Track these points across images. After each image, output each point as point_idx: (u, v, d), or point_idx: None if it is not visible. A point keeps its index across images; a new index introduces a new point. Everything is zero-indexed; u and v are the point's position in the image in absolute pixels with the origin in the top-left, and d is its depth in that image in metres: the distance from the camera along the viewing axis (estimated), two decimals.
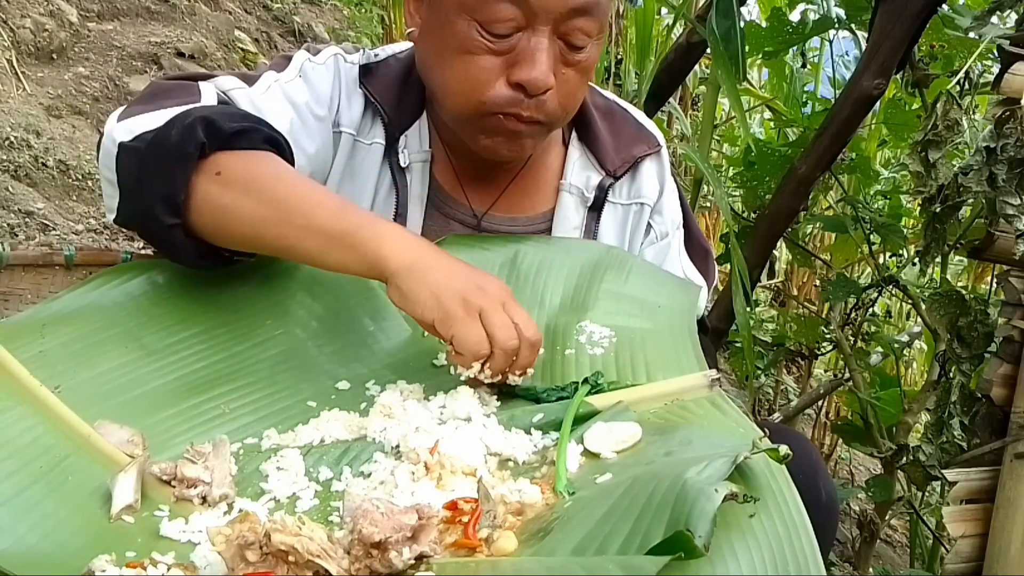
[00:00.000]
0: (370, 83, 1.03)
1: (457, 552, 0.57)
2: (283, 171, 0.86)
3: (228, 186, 0.83)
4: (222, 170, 0.83)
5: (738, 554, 0.52)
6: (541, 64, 0.91)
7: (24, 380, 0.70)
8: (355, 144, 1.04)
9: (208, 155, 0.83)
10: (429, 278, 0.77)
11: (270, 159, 0.86)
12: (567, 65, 0.94)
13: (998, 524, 1.36)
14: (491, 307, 0.76)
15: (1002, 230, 1.40)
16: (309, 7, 3.63)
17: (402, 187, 1.04)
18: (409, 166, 1.04)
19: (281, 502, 0.66)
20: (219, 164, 0.83)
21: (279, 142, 0.89)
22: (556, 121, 0.98)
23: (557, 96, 0.94)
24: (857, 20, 1.87)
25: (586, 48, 0.94)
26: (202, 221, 0.83)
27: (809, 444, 1.14)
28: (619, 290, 0.94)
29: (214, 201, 0.83)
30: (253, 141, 0.86)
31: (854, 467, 2.90)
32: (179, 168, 0.82)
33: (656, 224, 1.14)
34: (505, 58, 0.92)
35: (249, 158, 0.85)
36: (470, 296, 0.76)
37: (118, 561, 0.56)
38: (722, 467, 0.55)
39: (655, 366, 0.82)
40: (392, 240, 0.79)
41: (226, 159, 0.84)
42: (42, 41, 2.47)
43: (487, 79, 0.92)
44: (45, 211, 1.96)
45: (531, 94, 0.92)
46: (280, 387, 0.80)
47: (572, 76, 0.95)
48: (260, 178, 0.84)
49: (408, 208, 1.04)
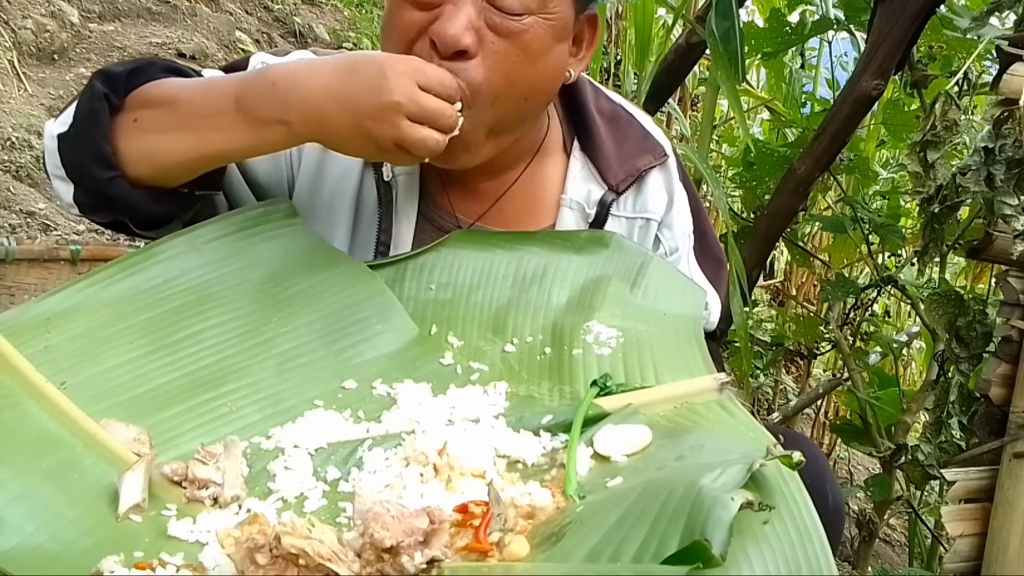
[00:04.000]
0: None
1: (469, 556, 0.57)
2: (182, 88, 0.88)
3: (147, 130, 0.86)
4: (138, 116, 0.87)
5: (751, 559, 0.52)
6: (455, 18, 0.84)
7: (30, 376, 0.70)
8: (324, 154, 0.98)
9: (119, 105, 0.87)
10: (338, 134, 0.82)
11: (171, 84, 0.89)
12: (497, 33, 0.86)
13: (997, 523, 1.36)
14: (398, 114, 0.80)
15: (1000, 230, 1.40)
16: (310, 8, 3.63)
17: (386, 201, 0.99)
18: (393, 179, 0.99)
19: (289, 502, 0.66)
20: (133, 112, 0.87)
21: (179, 68, 0.92)
22: (482, 102, 0.88)
23: (483, 68, 0.86)
24: (856, 21, 1.88)
25: (525, 19, 0.86)
26: (138, 168, 0.87)
27: (815, 448, 1.11)
28: (625, 297, 0.92)
29: (141, 148, 0.86)
30: (151, 73, 0.89)
31: (853, 466, 2.90)
32: (95, 124, 0.86)
33: (665, 239, 1.08)
34: (430, 14, 0.86)
35: (153, 93, 0.88)
36: (380, 135, 0.80)
37: (126, 562, 0.56)
38: (737, 475, 0.55)
39: (663, 368, 0.81)
40: (293, 117, 0.82)
41: (135, 105, 0.87)
42: (43, 42, 2.47)
43: (407, 34, 0.88)
44: (47, 211, 1.96)
45: (442, 53, 0.85)
46: (287, 386, 0.80)
47: (504, 48, 0.86)
48: (168, 109, 0.86)
49: (393, 223, 1.00)
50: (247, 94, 0.84)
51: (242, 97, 0.84)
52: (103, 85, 0.87)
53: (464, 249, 0.96)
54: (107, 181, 0.86)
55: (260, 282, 0.88)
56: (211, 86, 0.89)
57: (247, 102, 0.83)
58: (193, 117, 0.85)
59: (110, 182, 0.86)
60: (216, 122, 0.84)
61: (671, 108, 2.84)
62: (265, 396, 0.78)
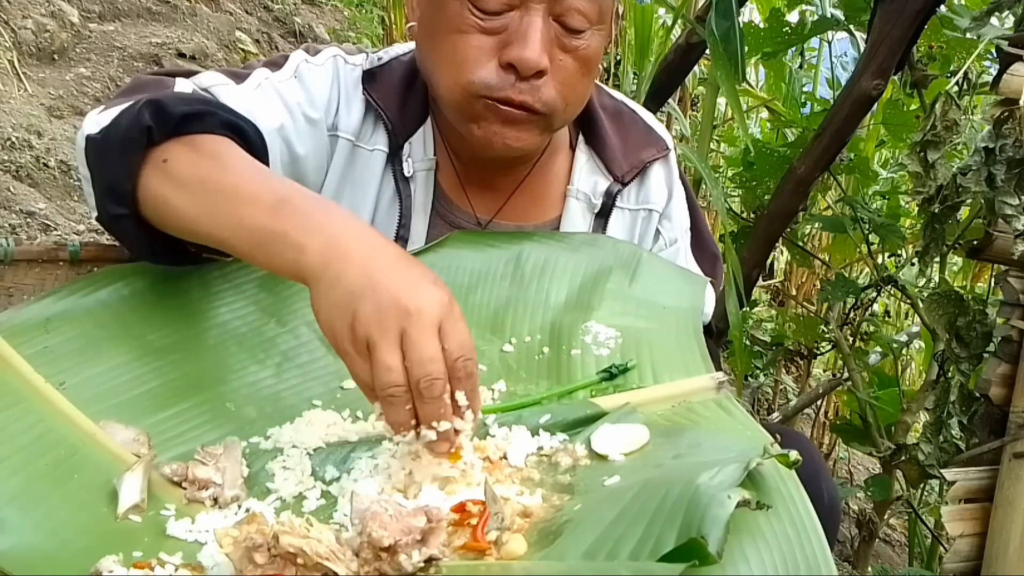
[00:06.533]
0: (373, 89, 1.00)
1: (466, 555, 0.57)
2: (230, 160, 0.79)
3: (170, 176, 0.78)
4: (169, 158, 0.78)
5: (749, 557, 0.52)
6: (533, 43, 0.88)
7: (28, 376, 0.70)
8: (355, 150, 1.01)
9: (159, 142, 0.79)
10: (334, 290, 0.66)
11: (221, 146, 0.80)
12: (564, 51, 0.91)
13: (997, 523, 1.36)
14: (378, 340, 0.62)
15: (1000, 230, 1.40)
16: (310, 8, 3.63)
17: (405, 196, 1.01)
18: (413, 175, 1.02)
19: (287, 502, 0.66)
20: (168, 152, 0.79)
21: (239, 127, 0.83)
22: (555, 113, 0.94)
23: (554, 84, 0.91)
24: (856, 21, 1.87)
25: (585, 34, 0.91)
26: (148, 212, 0.80)
27: (810, 444, 1.13)
28: (624, 291, 0.93)
29: (155, 191, 0.78)
30: (207, 125, 0.81)
31: (853, 466, 2.90)
32: (125, 155, 0.79)
33: (665, 230, 1.12)
34: (497, 38, 0.89)
35: (199, 145, 0.79)
36: (358, 321, 0.63)
37: (125, 561, 0.56)
38: (734, 473, 0.55)
39: (661, 367, 0.81)
40: (316, 244, 0.68)
41: (176, 147, 0.79)
42: (43, 42, 2.47)
43: (476, 58, 0.89)
44: (47, 211, 1.96)
45: (523, 75, 0.89)
46: (286, 385, 0.80)
47: (570, 64, 0.92)
48: (203, 169, 0.78)
49: (412, 218, 1.02)
50: (287, 213, 0.72)
51: (280, 213, 0.72)
52: (151, 118, 0.78)
53: (462, 249, 0.96)
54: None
55: (260, 281, 0.88)
56: (255, 180, 0.77)
57: (290, 255, 0.70)
58: (222, 198, 0.75)
59: (117, 219, 0.80)
60: (239, 217, 0.73)
61: (671, 108, 2.84)
62: (265, 396, 0.78)
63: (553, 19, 0.90)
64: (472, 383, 0.66)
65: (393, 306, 0.64)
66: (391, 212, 1.02)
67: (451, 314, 0.65)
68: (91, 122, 0.83)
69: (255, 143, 0.85)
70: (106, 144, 0.80)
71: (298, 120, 0.96)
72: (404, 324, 0.63)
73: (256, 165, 0.80)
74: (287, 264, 0.70)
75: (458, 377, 0.65)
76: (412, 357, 0.63)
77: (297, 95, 0.97)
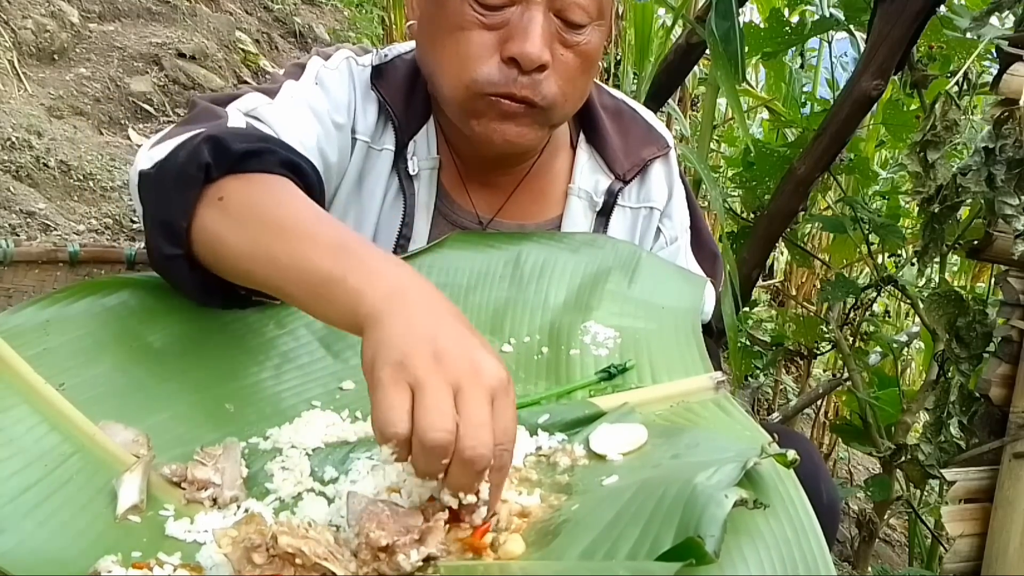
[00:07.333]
0: (381, 85, 1.01)
1: (464, 554, 0.57)
2: (288, 200, 0.77)
3: (227, 215, 0.75)
4: (225, 195, 0.76)
5: (747, 557, 0.52)
6: (534, 37, 0.88)
7: (28, 377, 0.70)
8: (368, 151, 1.02)
9: (216, 179, 0.77)
10: (394, 329, 0.61)
11: (279, 185, 0.78)
12: (565, 46, 0.92)
13: (997, 524, 1.36)
14: (429, 380, 0.56)
15: (1000, 230, 1.40)
16: (310, 8, 3.64)
17: (409, 195, 1.02)
18: (418, 173, 1.03)
19: (286, 502, 0.66)
20: (224, 189, 0.76)
21: (298, 166, 0.82)
22: (555, 108, 0.94)
23: (555, 79, 0.92)
24: (856, 21, 1.88)
25: (585, 30, 0.92)
26: (201, 252, 0.77)
27: (809, 444, 1.13)
28: (624, 291, 0.93)
29: (210, 231, 0.75)
30: (266, 163, 0.79)
31: (853, 466, 2.91)
32: (181, 192, 0.76)
33: (665, 228, 1.12)
34: (498, 34, 0.90)
35: (256, 184, 0.77)
36: (409, 359, 0.58)
37: (124, 561, 0.56)
38: (732, 472, 0.55)
39: (660, 367, 0.81)
40: (379, 292, 0.64)
41: (233, 184, 0.77)
42: (43, 42, 2.47)
43: (478, 55, 0.90)
44: (46, 211, 1.96)
45: (524, 69, 0.89)
46: (285, 387, 0.80)
47: (571, 59, 0.92)
48: (260, 208, 0.75)
49: (415, 216, 1.03)
50: (345, 257, 0.68)
51: (339, 257, 0.68)
52: (210, 154, 0.76)
53: (461, 250, 0.96)
54: (167, 258, 0.78)
55: None
56: (313, 222, 0.73)
57: (348, 305, 0.65)
58: (278, 238, 0.71)
59: (169, 260, 0.78)
60: (295, 259, 0.70)
61: (671, 108, 2.84)
62: (264, 397, 0.78)
63: (554, 14, 0.90)
64: (500, 476, 0.59)
65: (458, 357, 0.59)
66: (395, 210, 1.03)
67: (506, 395, 0.59)
68: (143, 157, 0.82)
69: (312, 182, 0.83)
70: (161, 179, 0.78)
71: (327, 127, 0.97)
72: (462, 379, 0.58)
73: (313, 207, 0.77)
74: (343, 310, 0.66)
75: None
76: (465, 413, 0.56)
77: (323, 102, 0.98)
